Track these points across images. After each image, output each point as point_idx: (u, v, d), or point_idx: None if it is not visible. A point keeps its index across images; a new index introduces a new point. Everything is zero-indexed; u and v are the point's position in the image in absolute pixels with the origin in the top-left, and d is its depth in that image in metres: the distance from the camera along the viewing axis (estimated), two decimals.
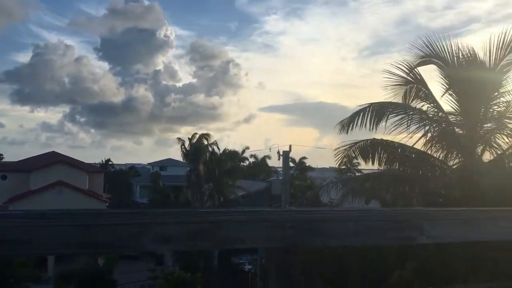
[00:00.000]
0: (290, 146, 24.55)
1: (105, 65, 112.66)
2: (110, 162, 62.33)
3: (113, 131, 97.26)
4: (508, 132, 10.33)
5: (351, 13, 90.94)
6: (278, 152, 24.70)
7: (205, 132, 34.93)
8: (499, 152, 10.26)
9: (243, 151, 41.74)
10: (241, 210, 2.57)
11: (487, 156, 10.43)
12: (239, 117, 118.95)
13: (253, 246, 2.53)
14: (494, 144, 10.32)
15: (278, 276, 2.74)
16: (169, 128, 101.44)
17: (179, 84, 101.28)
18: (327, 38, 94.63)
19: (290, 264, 2.81)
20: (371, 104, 10.95)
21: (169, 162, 58.07)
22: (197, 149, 32.99)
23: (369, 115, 10.67)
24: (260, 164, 43.81)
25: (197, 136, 34.02)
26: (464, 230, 2.85)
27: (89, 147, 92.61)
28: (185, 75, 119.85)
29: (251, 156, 44.71)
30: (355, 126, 10.87)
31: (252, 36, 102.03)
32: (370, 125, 10.65)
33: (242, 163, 42.38)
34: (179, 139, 34.69)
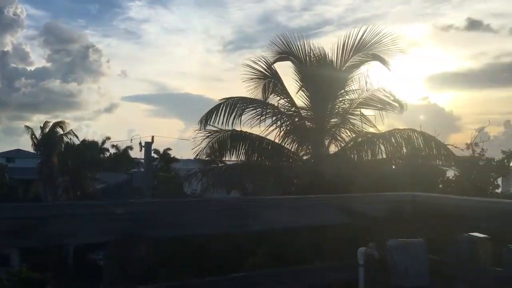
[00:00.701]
0: (153, 137, 24.11)
1: None
2: None
3: None
4: (351, 126, 11.49)
5: (216, 6, 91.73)
6: (140, 143, 24.08)
7: (60, 120, 32.31)
8: (342, 145, 11.36)
9: (104, 142, 39.73)
10: (72, 204, 2.43)
11: (332, 148, 11.50)
12: (100, 105, 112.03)
13: (87, 241, 2.43)
14: (339, 138, 11.41)
15: (118, 269, 2.67)
16: (19, 116, 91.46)
17: (31, 68, 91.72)
18: (192, 29, 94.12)
19: (130, 256, 2.76)
20: (228, 99, 11.28)
21: (18, 153, 52.56)
22: (50, 139, 30.40)
23: (226, 110, 11.00)
24: (122, 156, 42.19)
25: (50, 124, 31.33)
26: (294, 216, 3.12)
27: None
28: (38, 58, 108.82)
29: (113, 146, 42.83)
30: (214, 121, 11.12)
31: (114, 21, 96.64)
32: (227, 119, 10.98)
33: (102, 155, 40.34)
34: (27, 127, 31.54)
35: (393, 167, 11.34)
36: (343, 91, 11.77)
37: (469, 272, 3.20)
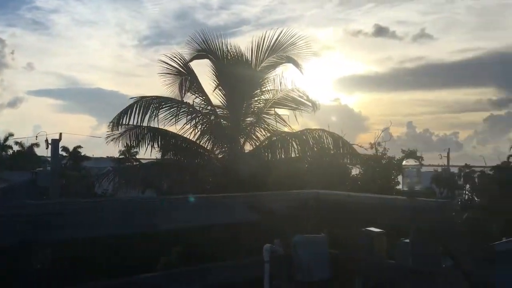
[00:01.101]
0: (61, 134, 22.82)
1: None
2: None
3: None
4: (265, 126, 11.72)
5: (131, 0, 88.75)
6: (46, 140, 22.68)
7: None
8: (257, 144, 11.57)
9: (6, 138, 37.00)
10: None
11: (248, 147, 11.66)
12: (3, 100, 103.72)
13: None
14: (254, 137, 11.59)
15: (14, 276, 2.53)
16: None
17: None
18: (105, 22, 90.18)
19: (29, 261, 2.62)
20: (142, 98, 11.00)
21: None
22: None
23: (140, 110, 10.70)
24: (27, 153, 39.49)
25: None
26: (204, 215, 3.16)
27: None
28: None
29: (17, 144, 39.96)
30: (128, 121, 10.77)
31: (19, 10, 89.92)
32: (141, 119, 10.70)
33: (4, 152, 37.54)
34: None
35: (306, 165, 11.77)
36: (258, 90, 11.97)
37: (366, 264, 3.47)
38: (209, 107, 11.62)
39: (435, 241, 3.45)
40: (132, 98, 11.02)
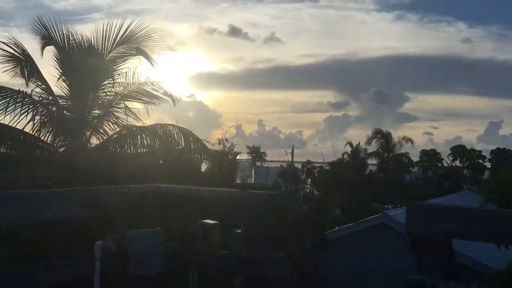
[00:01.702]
0: None
1: None
2: None
3: None
4: (114, 119, 11.27)
5: None
6: None
7: None
8: (105, 137, 11.07)
9: None
10: None
11: (94, 141, 11.09)
12: None
13: None
14: (101, 130, 11.08)
15: None
16: None
17: None
18: None
19: None
20: None
21: None
22: None
23: None
24: None
25: None
26: (32, 212, 2.96)
27: None
28: None
29: None
30: None
31: None
32: None
33: None
34: None
35: (160, 161, 11.62)
36: (107, 82, 11.49)
37: (201, 256, 3.61)
38: (50, 97, 10.79)
39: (265, 230, 3.73)
40: None
